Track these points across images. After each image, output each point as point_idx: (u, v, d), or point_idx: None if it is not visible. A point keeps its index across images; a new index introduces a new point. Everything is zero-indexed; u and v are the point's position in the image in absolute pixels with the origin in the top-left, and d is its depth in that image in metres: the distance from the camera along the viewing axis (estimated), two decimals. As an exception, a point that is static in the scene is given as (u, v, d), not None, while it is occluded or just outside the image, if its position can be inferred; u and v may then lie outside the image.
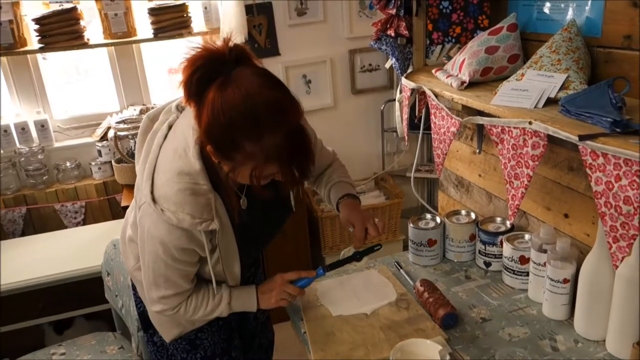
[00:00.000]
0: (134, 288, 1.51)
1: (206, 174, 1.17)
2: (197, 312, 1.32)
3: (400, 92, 1.80)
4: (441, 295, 1.46)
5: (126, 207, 2.26)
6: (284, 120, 1.06)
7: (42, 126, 2.74)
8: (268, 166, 1.08)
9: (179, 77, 1.10)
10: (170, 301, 1.28)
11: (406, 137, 1.82)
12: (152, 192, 1.16)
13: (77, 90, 2.98)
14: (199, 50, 1.08)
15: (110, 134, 2.58)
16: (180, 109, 1.29)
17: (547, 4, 1.49)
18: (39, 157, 2.70)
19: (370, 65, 3.13)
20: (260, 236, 1.42)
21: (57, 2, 2.59)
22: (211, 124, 1.06)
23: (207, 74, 1.07)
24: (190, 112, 1.17)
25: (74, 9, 2.53)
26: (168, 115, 1.29)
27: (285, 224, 1.49)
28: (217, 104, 1.04)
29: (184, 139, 1.18)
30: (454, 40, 1.72)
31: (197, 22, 2.79)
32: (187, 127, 1.18)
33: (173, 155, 1.18)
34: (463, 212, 1.78)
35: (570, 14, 1.41)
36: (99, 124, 2.86)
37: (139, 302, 1.49)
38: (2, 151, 2.66)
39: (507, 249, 1.54)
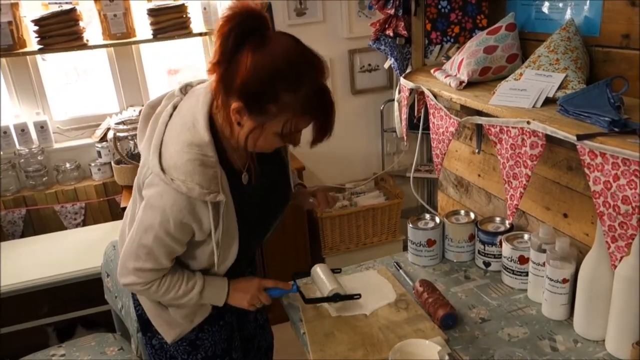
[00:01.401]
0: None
1: (214, 147, 1.19)
2: (168, 293, 1.30)
3: (399, 92, 1.80)
4: (440, 295, 1.46)
5: (125, 208, 2.26)
6: (320, 75, 1.14)
7: (41, 127, 2.74)
8: (300, 119, 1.14)
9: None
10: (144, 275, 1.27)
11: (405, 137, 1.82)
12: (160, 163, 1.18)
13: (77, 92, 2.98)
14: (237, 7, 1.11)
15: (110, 135, 2.58)
16: (183, 91, 1.31)
17: (546, 4, 1.49)
18: (39, 158, 2.70)
19: (369, 65, 3.13)
20: (260, 222, 1.41)
21: (56, 4, 2.60)
22: (250, 76, 1.09)
23: (242, 33, 1.10)
24: (195, 93, 1.23)
25: (73, 10, 2.53)
26: (171, 99, 1.31)
27: (284, 215, 1.50)
28: (258, 57, 1.09)
29: (192, 114, 1.20)
30: (452, 40, 1.72)
31: (197, 23, 2.80)
32: (194, 104, 1.22)
33: (181, 128, 1.20)
34: (462, 212, 1.78)
35: (568, 14, 1.41)
36: (99, 125, 2.86)
37: (137, 305, 1.49)
38: (1, 152, 2.66)
39: (506, 249, 1.54)
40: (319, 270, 1.58)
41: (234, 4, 1.11)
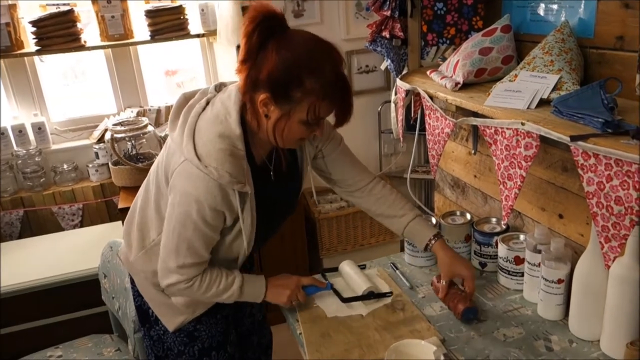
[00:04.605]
0: (132, 283, 1.51)
1: (244, 141, 1.26)
2: (210, 289, 1.34)
3: (396, 93, 1.81)
4: (459, 289, 1.47)
5: (123, 209, 2.26)
6: (338, 62, 1.23)
7: (39, 128, 2.74)
8: (323, 103, 1.21)
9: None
10: (187, 271, 1.30)
11: (401, 139, 1.82)
12: (195, 150, 1.22)
13: (75, 93, 2.98)
14: (258, 9, 1.20)
15: (107, 136, 2.58)
16: (218, 89, 1.36)
17: (541, 6, 1.49)
18: (36, 159, 2.70)
19: (367, 66, 3.14)
20: (266, 223, 1.42)
21: (54, 5, 2.60)
22: (276, 67, 1.17)
23: (264, 31, 1.19)
24: (228, 90, 1.31)
25: (71, 11, 2.54)
26: (204, 94, 1.35)
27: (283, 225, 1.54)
28: (283, 50, 1.18)
29: (225, 107, 1.27)
30: (448, 41, 1.72)
31: (194, 24, 2.80)
32: (226, 99, 1.28)
33: (214, 120, 1.26)
34: (458, 212, 1.78)
35: (563, 16, 1.42)
36: (96, 126, 2.87)
37: (136, 297, 1.50)
38: (-1, 154, 2.67)
39: (502, 250, 1.54)
40: (348, 268, 1.62)
41: (255, 5, 1.20)
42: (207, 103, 1.31)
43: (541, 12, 1.50)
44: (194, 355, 1.47)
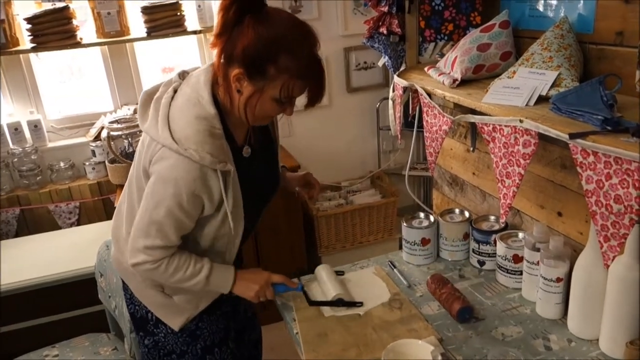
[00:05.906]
0: (125, 289, 1.50)
1: (220, 120, 1.25)
2: (176, 274, 1.32)
3: (393, 90, 1.79)
4: (452, 289, 1.46)
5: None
6: (315, 44, 1.24)
7: (35, 126, 2.73)
8: (297, 82, 1.22)
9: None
10: (154, 253, 1.28)
11: (399, 136, 1.81)
12: (172, 136, 1.21)
13: (71, 90, 2.97)
14: None
15: (104, 134, 2.57)
16: (181, 77, 1.35)
17: (540, 1, 1.48)
18: (33, 157, 2.69)
19: (365, 63, 3.13)
20: (252, 204, 1.41)
21: (49, 1, 2.58)
22: (252, 42, 1.17)
23: (242, 7, 1.18)
24: (195, 75, 1.30)
25: (66, 8, 2.52)
26: (169, 85, 1.33)
27: (270, 204, 1.54)
28: (259, 26, 1.17)
29: (195, 91, 1.26)
30: (446, 37, 1.71)
31: (191, 21, 2.78)
32: (195, 83, 1.28)
33: (187, 105, 1.25)
34: (457, 210, 1.77)
35: (562, 11, 1.40)
36: (93, 123, 2.85)
37: (129, 304, 1.49)
38: (-5, 152, 2.66)
39: (500, 248, 1.53)
40: (323, 273, 1.59)
41: None
42: (175, 92, 1.30)
43: (540, 7, 1.48)
44: (197, 354, 1.46)
